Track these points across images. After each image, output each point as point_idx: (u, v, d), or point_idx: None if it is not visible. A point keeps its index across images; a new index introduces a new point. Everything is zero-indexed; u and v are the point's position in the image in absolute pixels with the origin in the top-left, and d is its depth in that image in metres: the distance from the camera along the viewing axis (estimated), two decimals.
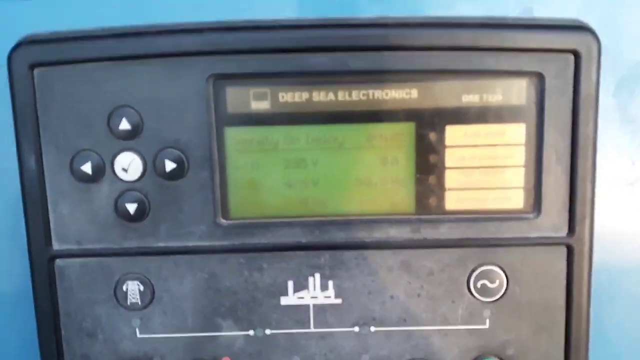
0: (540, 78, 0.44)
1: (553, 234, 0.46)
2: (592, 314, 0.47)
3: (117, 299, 0.48)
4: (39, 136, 0.45)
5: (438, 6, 0.45)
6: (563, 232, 0.46)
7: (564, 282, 0.47)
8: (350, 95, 0.45)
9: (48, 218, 0.46)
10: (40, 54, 0.44)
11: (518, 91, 0.44)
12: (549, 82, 0.44)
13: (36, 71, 0.44)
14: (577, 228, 0.46)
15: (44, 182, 0.46)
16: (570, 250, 0.46)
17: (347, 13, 0.45)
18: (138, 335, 0.48)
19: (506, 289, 0.47)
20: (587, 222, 0.46)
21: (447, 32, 0.43)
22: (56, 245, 0.47)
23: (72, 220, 0.46)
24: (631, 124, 0.46)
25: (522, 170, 0.46)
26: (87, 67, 0.44)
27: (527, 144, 0.45)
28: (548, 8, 0.45)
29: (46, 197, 0.46)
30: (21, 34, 0.45)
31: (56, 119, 0.45)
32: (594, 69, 0.44)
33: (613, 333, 0.49)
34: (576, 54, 0.44)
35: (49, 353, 0.48)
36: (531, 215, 0.46)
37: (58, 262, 0.47)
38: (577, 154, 0.45)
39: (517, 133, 0.45)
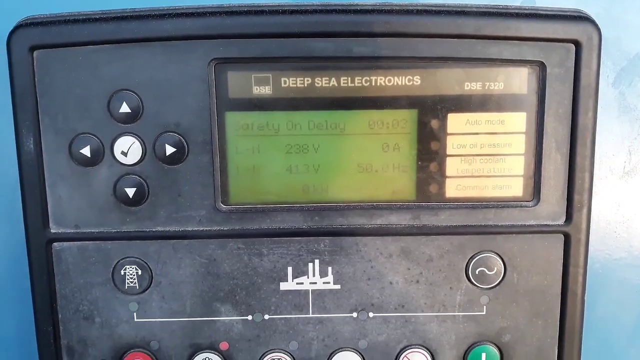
0: (541, 67, 0.44)
1: (551, 222, 0.47)
2: (586, 303, 0.48)
3: (114, 282, 0.48)
4: (38, 118, 0.45)
5: None
6: (561, 220, 0.47)
7: (560, 270, 0.47)
8: (352, 81, 0.45)
9: (46, 201, 0.46)
10: (40, 35, 0.44)
11: (519, 80, 0.45)
12: (550, 71, 0.44)
13: (36, 53, 0.44)
14: (575, 216, 0.46)
15: (42, 165, 0.46)
16: (567, 239, 0.47)
17: None
18: (135, 319, 0.48)
19: (504, 276, 0.48)
20: (585, 210, 0.46)
21: (451, 20, 0.44)
22: (54, 229, 0.47)
23: (70, 204, 0.46)
24: (629, 113, 0.46)
25: (522, 159, 0.46)
26: (87, 49, 0.44)
27: (527, 133, 0.46)
28: None
29: (44, 180, 0.46)
30: (21, 16, 0.45)
31: (55, 101, 0.45)
32: (594, 59, 0.44)
33: (606, 321, 0.50)
34: (577, 44, 0.44)
35: (45, 336, 0.48)
36: (530, 203, 0.47)
37: (55, 245, 0.47)
38: (576, 142, 0.45)
39: (517, 121, 0.45)
